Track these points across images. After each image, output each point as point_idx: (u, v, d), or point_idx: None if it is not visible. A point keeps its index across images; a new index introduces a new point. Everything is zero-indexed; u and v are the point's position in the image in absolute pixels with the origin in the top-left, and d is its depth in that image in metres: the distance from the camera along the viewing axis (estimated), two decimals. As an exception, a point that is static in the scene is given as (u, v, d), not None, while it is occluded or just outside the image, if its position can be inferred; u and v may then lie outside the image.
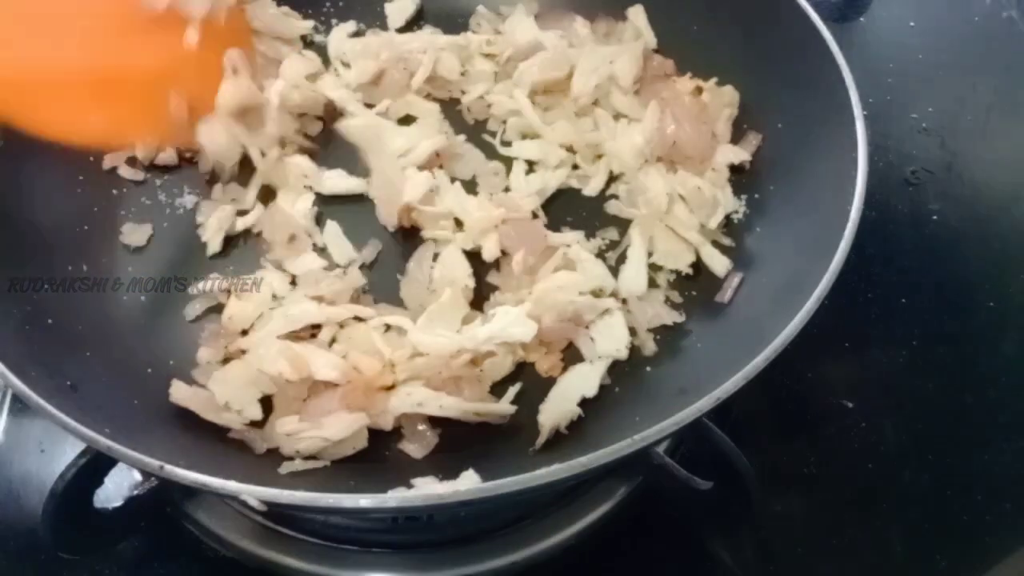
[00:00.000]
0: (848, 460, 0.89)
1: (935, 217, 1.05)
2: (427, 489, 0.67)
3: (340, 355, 0.82)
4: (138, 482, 0.76)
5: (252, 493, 0.62)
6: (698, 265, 0.91)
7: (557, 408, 0.80)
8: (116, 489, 0.80)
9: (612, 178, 0.98)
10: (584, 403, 0.81)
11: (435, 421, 0.80)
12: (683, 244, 0.91)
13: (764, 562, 0.83)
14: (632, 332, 0.86)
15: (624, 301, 0.88)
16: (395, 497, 0.62)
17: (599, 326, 0.86)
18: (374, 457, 0.78)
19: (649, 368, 0.85)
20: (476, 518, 0.83)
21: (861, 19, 1.25)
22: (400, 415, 0.79)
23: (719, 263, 0.90)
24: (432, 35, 1.08)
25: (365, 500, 0.62)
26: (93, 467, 0.71)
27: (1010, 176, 1.10)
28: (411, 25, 1.11)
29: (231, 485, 0.62)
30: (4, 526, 0.84)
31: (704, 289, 0.90)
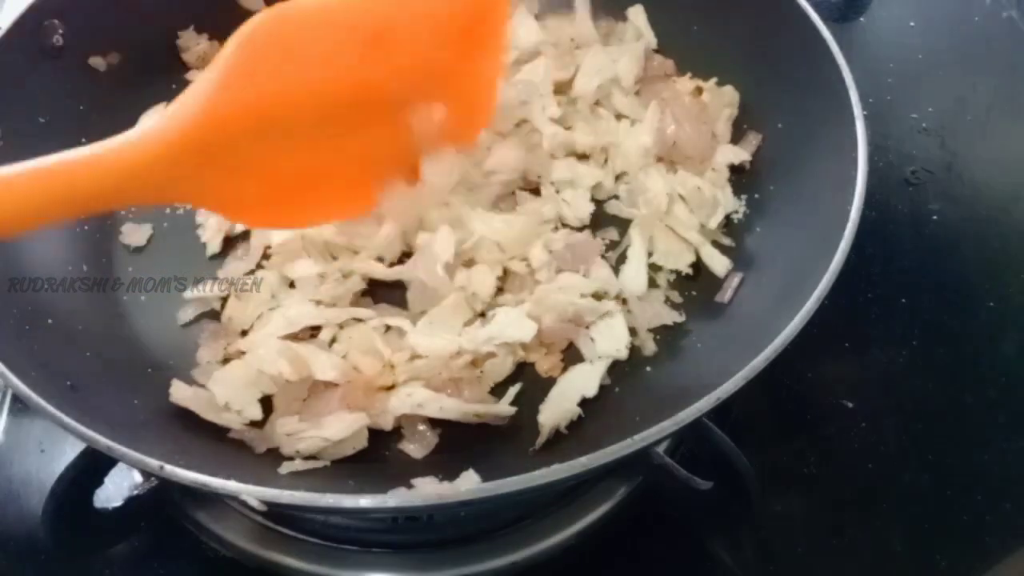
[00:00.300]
0: (848, 460, 0.88)
1: (935, 217, 1.05)
2: (427, 489, 0.67)
3: (340, 355, 0.82)
4: (138, 482, 0.77)
5: (252, 493, 0.62)
6: (698, 265, 0.91)
7: (557, 408, 0.80)
8: (116, 489, 0.81)
9: (615, 177, 0.98)
10: (584, 403, 0.81)
11: (435, 421, 0.80)
12: (683, 244, 0.91)
13: (764, 562, 0.83)
14: (632, 332, 0.86)
15: (624, 301, 0.88)
16: (395, 497, 0.62)
17: (599, 326, 0.85)
18: (374, 457, 0.78)
19: (649, 368, 0.85)
20: (476, 518, 0.83)
21: (861, 19, 1.25)
22: (400, 416, 0.79)
23: (719, 263, 0.90)
24: None
25: (365, 500, 0.62)
26: (93, 467, 0.72)
27: (1010, 176, 1.10)
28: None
29: (231, 485, 0.62)
30: (4, 526, 0.84)
31: (704, 289, 0.90)
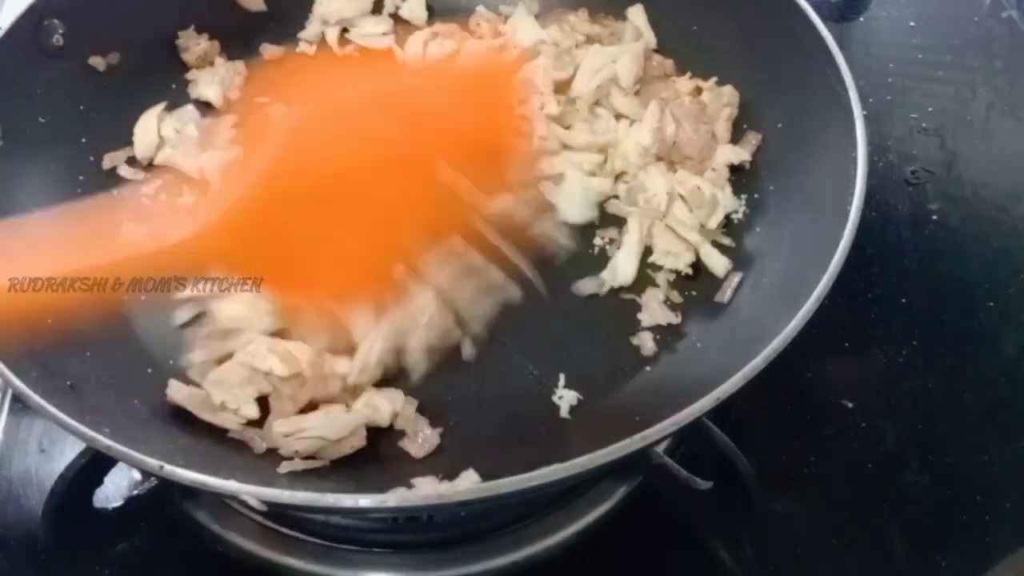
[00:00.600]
0: (848, 460, 0.88)
1: (935, 217, 1.05)
2: (427, 489, 0.67)
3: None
4: (138, 482, 0.77)
5: (252, 493, 0.62)
6: (698, 265, 0.91)
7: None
8: (116, 489, 0.81)
9: (614, 177, 0.98)
10: (583, 403, 0.81)
11: (435, 421, 0.80)
12: (683, 244, 0.91)
13: (764, 561, 0.83)
14: (632, 332, 0.86)
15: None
16: (395, 497, 0.62)
17: None
18: (374, 457, 0.79)
19: (649, 368, 0.85)
20: (476, 518, 0.83)
21: (861, 19, 1.25)
22: (400, 416, 0.79)
23: (719, 263, 0.90)
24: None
25: (365, 500, 0.62)
26: (93, 467, 0.72)
27: (1010, 176, 1.10)
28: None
29: (231, 485, 0.62)
30: (4, 526, 0.84)
31: (704, 289, 0.90)
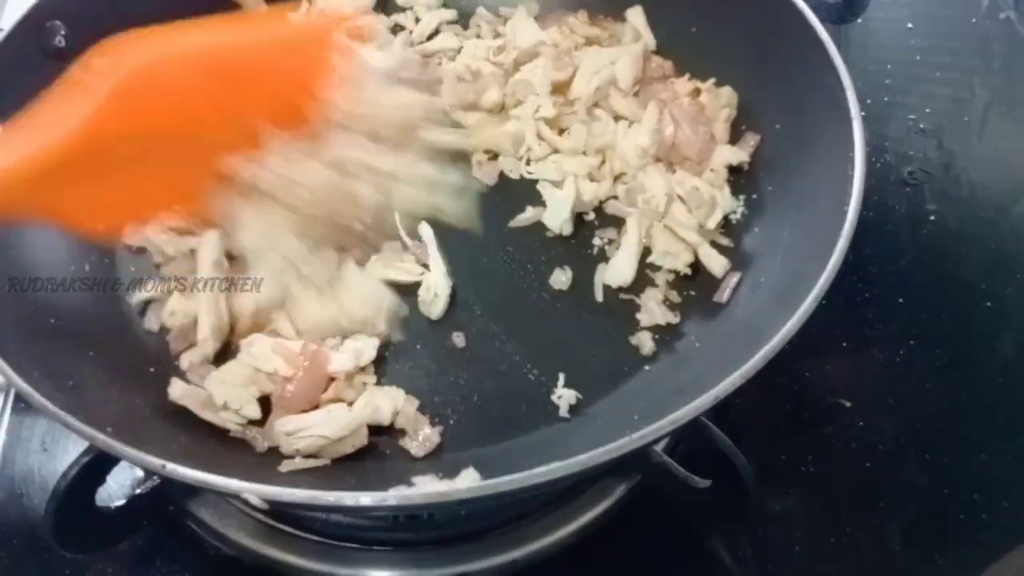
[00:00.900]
0: (846, 459, 0.89)
1: (932, 217, 1.06)
2: (428, 487, 0.67)
3: None
4: (140, 480, 0.77)
5: (254, 491, 0.62)
6: (696, 265, 0.91)
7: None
8: (118, 488, 0.82)
9: (613, 179, 0.98)
10: (583, 402, 0.82)
11: (436, 420, 0.80)
12: (681, 244, 0.91)
13: (762, 560, 0.83)
14: (631, 331, 0.87)
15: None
16: (396, 495, 0.63)
17: None
18: (375, 455, 0.79)
19: (647, 367, 0.85)
20: (477, 516, 0.83)
21: (859, 20, 1.25)
22: (401, 415, 0.80)
23: (717, 263, 0.90)
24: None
25: (366, 498, 0.62)
26: (95, 466, 0.72)
27: (1008, 176, 1.10)
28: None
29: (233, 483, 0.62)
30: (7, 525, 0.84)
31: (702, 289, 0.90)
